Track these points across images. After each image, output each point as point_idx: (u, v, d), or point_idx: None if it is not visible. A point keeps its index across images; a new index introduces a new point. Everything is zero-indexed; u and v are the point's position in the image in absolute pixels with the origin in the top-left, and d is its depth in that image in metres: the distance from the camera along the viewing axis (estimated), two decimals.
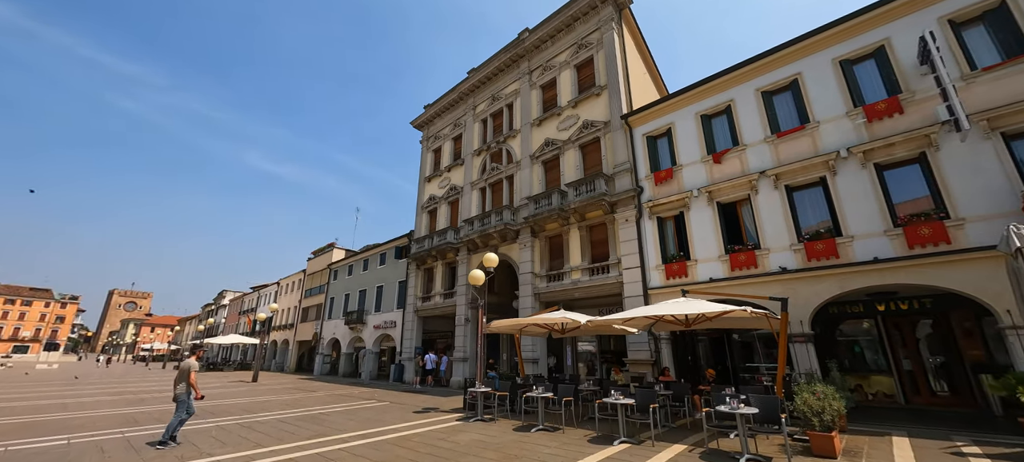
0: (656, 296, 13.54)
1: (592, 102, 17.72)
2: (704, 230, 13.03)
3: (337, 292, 33.54)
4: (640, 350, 13.44)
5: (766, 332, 12.98)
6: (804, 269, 10.93)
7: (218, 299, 64.65)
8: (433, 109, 27.05)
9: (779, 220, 11.69)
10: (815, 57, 12.07)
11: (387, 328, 26.12)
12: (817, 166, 11.32)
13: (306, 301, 38.44)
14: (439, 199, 24.61)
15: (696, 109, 14.26)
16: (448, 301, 21.89)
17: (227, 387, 20.13)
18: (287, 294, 42.56)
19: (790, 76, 12.44)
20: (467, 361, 19.86)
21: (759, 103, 12.87)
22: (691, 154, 13.98)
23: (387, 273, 27.98)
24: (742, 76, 13.34)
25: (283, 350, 40.82)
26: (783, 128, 12.29)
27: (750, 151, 12.67)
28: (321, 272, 37.20)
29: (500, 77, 22.92)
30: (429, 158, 27.01)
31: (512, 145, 20.95)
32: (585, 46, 18.77)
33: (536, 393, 8.92)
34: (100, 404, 13.56)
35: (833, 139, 11.26)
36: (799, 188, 11.75)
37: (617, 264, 14.90)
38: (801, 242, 11.15)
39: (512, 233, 18.75)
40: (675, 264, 13.33)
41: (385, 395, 16.67)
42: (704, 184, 13.34)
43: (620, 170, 15.52)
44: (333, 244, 37.58)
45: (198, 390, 7.91)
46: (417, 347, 23.51)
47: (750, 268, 11.83)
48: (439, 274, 22.95)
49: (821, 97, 11.73)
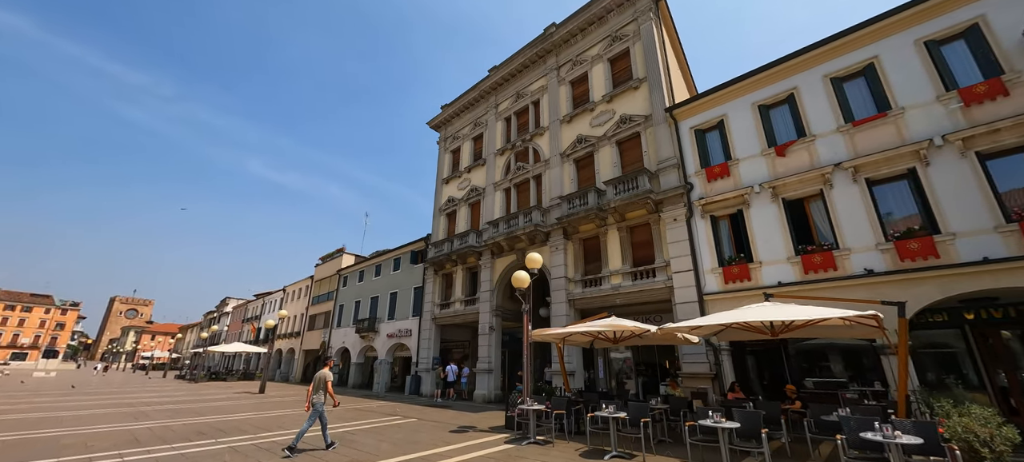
0: (713, 303, 12.27)
1: (629, 96, 16.64)
2: (768, 229, 11.81)
3: (347, 299, 32.26)
4: (697, 362, 12.13)
5: (842, 342, 11.70)
6: (895, 271, 9.68)
7: (221, 307, 63.35)
8: (451, 109, 26.07)
9: (860, 217, 10.47)
10: (894, 39, 10.95)
11: (402, 337, 24.79)
12: (904, 156, 10.12)
13: (313, 308, 37.14)
14: (458, 201, 23.47)
15: (752, 99, 13.14)
16: (470, 308, 20.60)
17: (234, 399, 18.79)
18: (293, 301, 41.27)
19: (865, 60, 11.31)
20: (492, 373, 18.52)
21: (828, 90, 11.74)
22: (749, 147, 12.82)
23: (402, 279, 26.73)
24: (808, 62, 12.23)
25: (288, 359, 39.40)
26: (858, 116, 11.14)
27: (821, 142, 11.50)
28: (330, 278, 35.96)
29: (525, 74, 21.92)
30: (447, 159, 25.94)
31: (539, 143, 19.85)
32: (619, 38, 17.76)
33: (607, 412, 7.63)
34: (97, 418, 12.27)
35: (922, 126, 10.08)
36: (881, 181, 10.54)
37: (664, 267, 13.65)
38: (890, 241, 9.91)
39: (542, 235, 17.54)
40: (735, 267, 12.08)
41: (408, 410, 15.31)
42: (766, 179, 12.16)
43: (665, 166, 14.36)
44: (342, 249, 36.41)
45: (335, 398, 8.72)
46: (435, 357, 22.16)
47: (827, 271, 10.58)
48: (459, 279, 21.70)
49: (904, 82, 10.58)
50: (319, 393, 8.31)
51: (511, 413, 10.81)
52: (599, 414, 7.83)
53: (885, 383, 9.90)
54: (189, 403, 16.79)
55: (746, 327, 9.13)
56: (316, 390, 8.32)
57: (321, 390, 8.33)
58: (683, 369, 12.39)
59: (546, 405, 9.17)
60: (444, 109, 26.72)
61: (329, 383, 8.43)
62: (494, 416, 13.52)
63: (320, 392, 8.32)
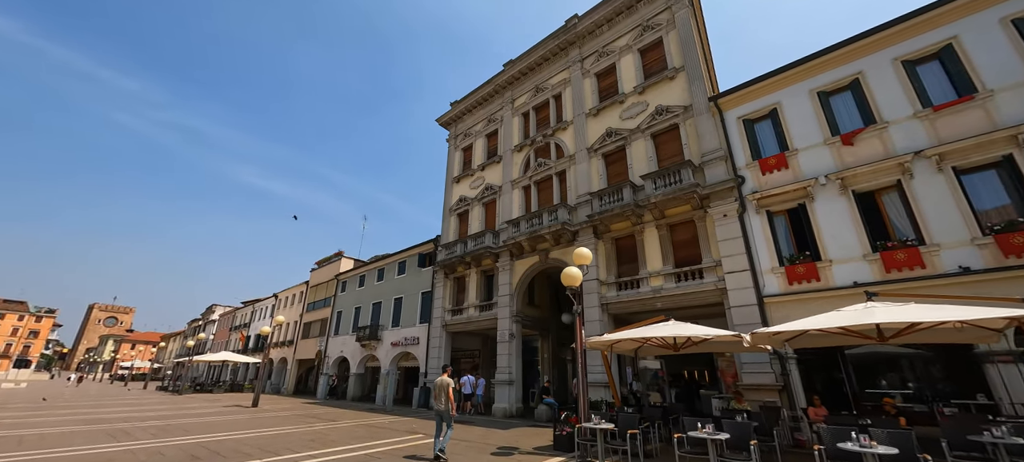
0: (776, 306, 11.09)
1: (664, 87, 15.61)
2: (838, 225, 10.71)
3: (346, 305, 30.49)
4: (759, 372, 10.89)
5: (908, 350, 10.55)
6: (998, 269, 8.60)
7: (206, 314, 60.61)
8: (462, 105, 24.86)
9: (949, 209, 9.42)
10: (975, 18, 10.06)
11: (407, 345, 23.15)
12: (998, 142, 9.13)
13: (308, 315, 35.18)
14: (471, 200, 22.14)
15: (810, 85, 12.15)
16: (486, 314, 19.16)
17: (225, 414, 16.97)
18: (287, 308, 39.21)
19: (942, 41, 10.39)
20: (513, 385, 17.04)
21: (899, 74, 10.78)
22: (809, 136, 11.79)
23: (407, 284, 25.16)
24: (875, 44, 11.29)
25: (280, 369, 37.23)
26: (936, 102, 10.17)
27: (894, 129, 10.50)
28: (327, 284, 34.13)
29: (545, 67, 20.85)
30: (457, 157, 24.65)
31: (562, 138, 18.69)
32: (651, 28, 16.79)
33: (704, 433, 6.29)
34: (68, 439, 10.51)
35: (1015, 110, 9.12)
36: (970, 170, 9.53)
37: (714, 268, 12.47)
38: (989, 235, 8.85)
39: (569, 235, 16.28)
40: (800, 266, 10.92)
41: (426, 426, 13.75)
42: (832, 170, 11.10)
43: (711, 159, 13.26)
44: (341, 253, 34.67)
45: (454, 404, 8.61)
46: (445, 367, 20.54)
47: (914, 268, 9.47)
48: (473, 283, 20.27)
49: (989, 63, 9.65)
50: (441, 399, 8.52)
51: (561, 432, 9.42)
52: (695, 435, 6.47)
53: (991, 396, 8.71)
54: (175, 418, 14.98)
55: (847, 332, 7.88)
56: (436, 397, 8.56)
57: (443, 395, 8.53)
58: (743, 380, 11.12)
59: (609, 423, 7.78)
60: (454, 106, 25.51)
61: (450, 389, 8.57)
62: (531, 434, 12.05)
63: (441, 398, 8.53)
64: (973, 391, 9.29)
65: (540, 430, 12.70)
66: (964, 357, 10.48)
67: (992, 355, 8.40)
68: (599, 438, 7.38)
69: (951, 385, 10.15)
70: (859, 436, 5.37)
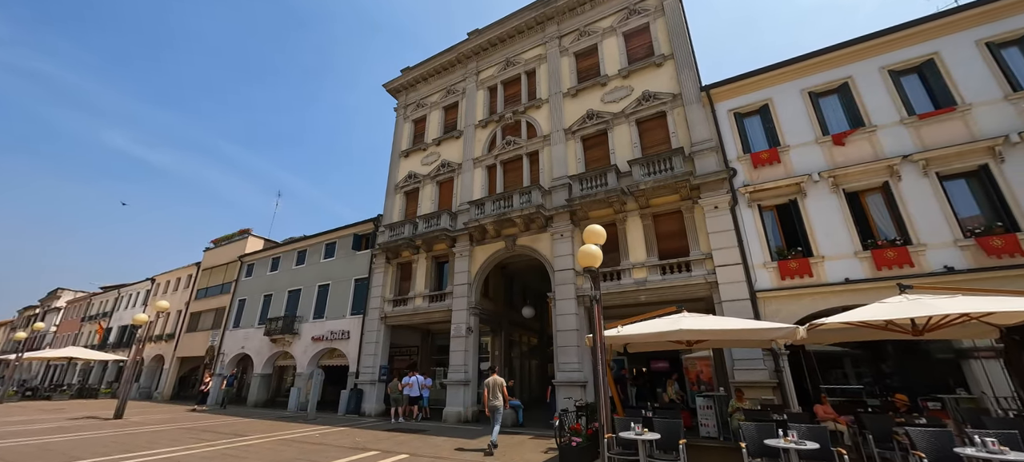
0: (768, 301, 10.75)
1: (651, 73, 14.95)
2: (830, 222, 10.69)
3: (251, 292, 25.49)
4: (754, 369, 10.41)
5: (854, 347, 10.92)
6: (979, 269, 8.99)
7: (48, 300, 47.81)
8: (416, 72, 22.11)
9: (933, 211, 9.77)
10: (957, 37, 10.72)
11: (334, 340, 19.71)
12: (977, 152, 9.68)
13: (198, 304, 28.94)
14: (423, 177, 19.59)
15: (802, 85, 12.21)
16: (437, 305, 16.83)
17: (74, 431, 12.38)
18: (168, 294, 31.99)
19: (925, 55, 10.95)
20: (469, 385, 15.00)
21: (887, 81, 11.17)
22: (801, 134, 11.78)
23: (337, 269, 21.57)
24: (862, 52, 11.62)
25: (153, 370, 30.15)
26: (920, 111, 10.65)
27: (882, 133, 10.79)
28: (227, 266, 28.39)
29: (518, 40, 19.20)
30: (407, 129, 21.83)
31: (535, 117, 17.20)
32: (638, 12, 16.11)
33: (789, 442, 5.12)
34: None
35: (994, 123, 9.76)
36: (951, 177, 10.02)
37: (703, 261, 11.90)
38: (970, 238, 9.26)
39: (543, 219, 14.80)
40: (793, 261, 10.72)
41: (371, 438, 11.14)
42: (823, 168, 11.12)
43: (702, 149, 12.77)
44: (248, 231, 29.14)
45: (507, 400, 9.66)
46: (384, 366, 17.74)
47: (903, 267, 9.63)
48: (422, 270, 17.78)
49: (971, 79, 10.30)
50: (497, 397, 9.38)
51: (563, 440, 7.77)
52: (778, 444, 5.24)
53: (969, 390, 9.06)
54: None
55: (881, 327, 7.42)
56: (493, 395, 9.42)
57: (499, 394, 9.42)
58: (736, 378, 10.57)
59: (648, 432, 6.32)
60: (406, 72, 22.63)
61: (504, 387, 9.57)
62: (510, 443, 10.17)
63: (498, 395, 9.40)
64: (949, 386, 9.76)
65: (519, 438, 10.93)
66: (921, 354, 11.05)
67: (976, 351, 8.70)
68: (642, 451, 5.88)
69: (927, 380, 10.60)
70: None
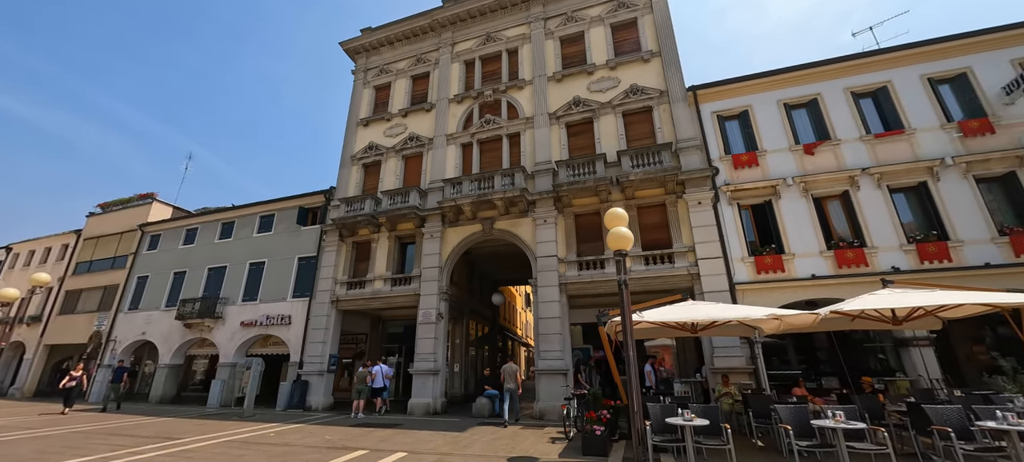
0: (745, 293, 11.45)
1: (638, 67, 15.14)
2: (799, 223, 11.67)
3: (157, 268, 21.38)
4: (732, 356, 11.00)
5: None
6: (916, 270, 10.41)
7: None
8: (380, 34, 20.13)
9: (885, 219, 11.11)
10: (906, 70, 12.28)
11: (270, 326, 17.24)
12: (919, 170, 11.20)
13: (77, 280, 23.61)
14: (387, 150, 17.90)
15: (778, 96, 13.17)
16: (400, 289, 15.48)
17: None
18: (33, 267, 25.69)
19: (880, 82, 12.41)
20: (438, 375, 14.00)
21: (850, 102, 12.48)
22: (776, 141, 12.70)
23: (275, 245, 18.89)
24: (829, 73, 12.85)
25: (10, 361, 24.04)
26: (874, 130, 12.06)
27: (845, 147, 12.03)
28: (122, 237, 23.49)
29: (500, 15, 18.31)
30: (367, 95, 19.81)
31: (517, 98, 16.55)
32: (627, 6, 16.21)
33: (836, 422, 5.22)
34: None
35: (933, 147, 11.35)
36: (898, 190, 11.48)
37: (686, 253, 12.32)
38: (912, 243, 10.68)
39: (525, 203, 14.28)
40: (768, 257, 11.53)
41: (350, 436, 9.77)
42: (796, 174, 12.11)
43: (687, 146, 13.21)
44: (153, 196, 24.38)
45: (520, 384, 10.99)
46: (333, 355, 15.90)
47: (859, 266, 10.83)
48: (384, 250, 16.23)
49: (916, 107, 11.87)
50: (512, 381, 11.16)
51: (591, 431, 7.40)
52: (826, 425, 5.31)
53: (906, 373, 10.46)
54: None
55: (868, 316, 8.13)
56: (509, 380, 11.16)
57: (514, 379, 11.22)
58: (716, 364, 11.09)
59: (701, 420, 6.17)
60: (367, 33, 20.50)
61: (519, 374, 11.35)
62: (506, 435, 9.50)
63: (513, 380, 11.18)
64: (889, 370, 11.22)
65: (510, 430, 10.32)
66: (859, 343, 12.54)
67: (915, 340, 10.04)
68: (688, 437, 5.71)
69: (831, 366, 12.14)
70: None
